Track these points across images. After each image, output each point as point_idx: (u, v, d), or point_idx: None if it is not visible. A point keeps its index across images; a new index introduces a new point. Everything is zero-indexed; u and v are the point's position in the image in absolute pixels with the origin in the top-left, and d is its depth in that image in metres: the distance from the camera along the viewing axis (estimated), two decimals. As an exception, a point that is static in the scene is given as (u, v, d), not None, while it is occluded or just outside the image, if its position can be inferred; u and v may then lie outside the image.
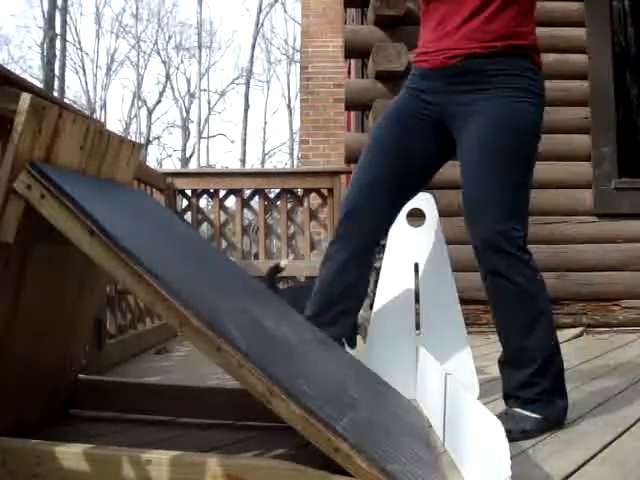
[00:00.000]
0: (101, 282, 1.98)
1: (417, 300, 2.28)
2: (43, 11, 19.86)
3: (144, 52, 22.72)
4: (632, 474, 1.47)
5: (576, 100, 3.94)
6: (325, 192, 4.32)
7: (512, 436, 1.59)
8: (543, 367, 1.79)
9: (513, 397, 1.83)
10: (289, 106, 22.00)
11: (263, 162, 22.39)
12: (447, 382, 1.71)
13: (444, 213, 2.39)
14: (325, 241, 4.45)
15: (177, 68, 24.96)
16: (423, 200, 2.32)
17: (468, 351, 2.21)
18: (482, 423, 1.34)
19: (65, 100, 14.20)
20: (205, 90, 22.72)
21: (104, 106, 22.17)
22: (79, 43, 23.10)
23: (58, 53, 19.19)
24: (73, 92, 24.41)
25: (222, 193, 4.37)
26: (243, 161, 21.53)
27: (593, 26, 3.97)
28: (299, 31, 9.79)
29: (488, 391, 2.17)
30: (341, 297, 1.93)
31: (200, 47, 22.23)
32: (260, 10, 22.00)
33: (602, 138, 3.88)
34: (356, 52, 4.39)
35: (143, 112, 22.67)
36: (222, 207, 4.40)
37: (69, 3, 20.32)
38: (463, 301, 2.28)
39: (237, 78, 22.95)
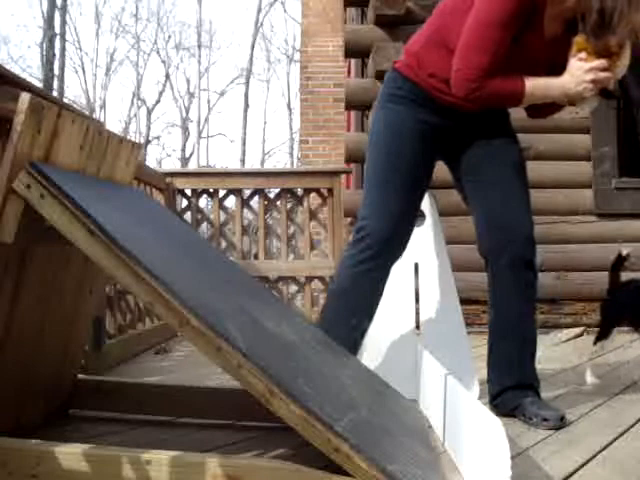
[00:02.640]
0: (101, 282, 1.98)
1: (417, 300, 2.28)
2: (42, 11, 19.84)
3: (143, 52, 22.71)
4: (632, 474, 1.47)
5: (576, 100, 3.93)
6: (325, 192, 4.31)
7: (552, 424, 1.80)
8: None
9: (531, 387, 1.94)
10: (289, 106, 22.00)
11: (263, 162, 22.38)
12: (447, 382, 1.71)
13: (444, 213, 2.39)
14: (325, 241, 4.45)
15: (177, 68, 25.00)
16: (423, 200, 2.32)
17: (468, 351, 2.21)
18: (482, 423, 1.34)
19: (64, 100, 14.19)
20: (205, 90, 22.72)
21: (103, 106, 22.15)
22: (78, 43, 23.12)
23: (57, 53, 19.16)
24: (72, 92, 24.39)
25: (222, 193, 4.36)
26: (243, 161, 21.53)
27: (593, 26, 3.96)
28: (299, 31, 9.79)
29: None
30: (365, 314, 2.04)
31: (200, 47, 22.22)
32: (260, 9, 22.00)
33: (602, 138, 3.88)
34: (356, 52, 4.39)
35: (142, 112, 22.65)
36: (222, 207, 4.40)
37: (68, 3, 20.28)
38: (463, 301, 2.28)
39: (237, 78, 22.94)
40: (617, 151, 3.88)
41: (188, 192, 4.36)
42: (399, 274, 2.28)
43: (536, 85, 1.82)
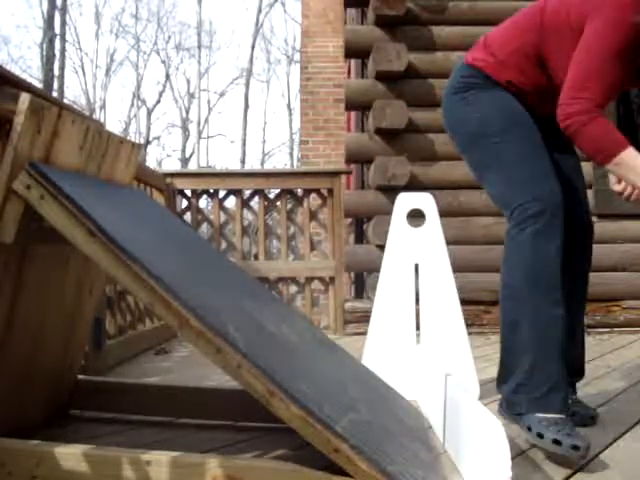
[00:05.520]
0: (100, 282, 1.98)
1: (417, 300, 2.28)
2: (42, 11, 19.85)
3: (144, 52, 22.73)
4: (632, 475, 1.47)
5: (576, 100, 3.93)
6: (325, 192, 4.31)
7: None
8: None
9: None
10: (289, 106, 22.01)
11: (263, 162, 22.38)
12: (447, 383, 1.71)
13: (444, 213, 2.39)
14: (325, 242, 4.45)
15: (177, 68, 25.02)
16: (423, 200, 2.32)
17: (468, 351, 2.21)
18: (482, 424, 1.34)
19: (64, 100, 14.19)
20: (205, 90, 22.73)
21: (103, 106, 22.16)
22: (78, 43, 23.19)
23: (57, 53, 19.17)
24: (72, 92, 24.38)
25: (222, 193, 4.36)
26: (243, 161, 21.53)
27: (593, 26, 3.96)
28: (299, 31, 9.79)
29: (488, 392, 2.17)
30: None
31: (200, 47, 22.23)
32: (260, 10, 22.00)
33: (602, 138, 3.87)
34: (356, 52, 4.39)
35: (143, 112, 22.66)
36: (222, 207, 4.40)
37: (68, 3, 20.28)
38: (463, 301, 2.28)
39: (237, 78, 22.95)
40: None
41: (188, 192, 4.36)
42: (399, 274, 2.28)
43: (634, 161, 1.67)
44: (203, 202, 4.60)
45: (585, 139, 1.69)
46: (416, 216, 2.32)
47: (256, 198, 4.38)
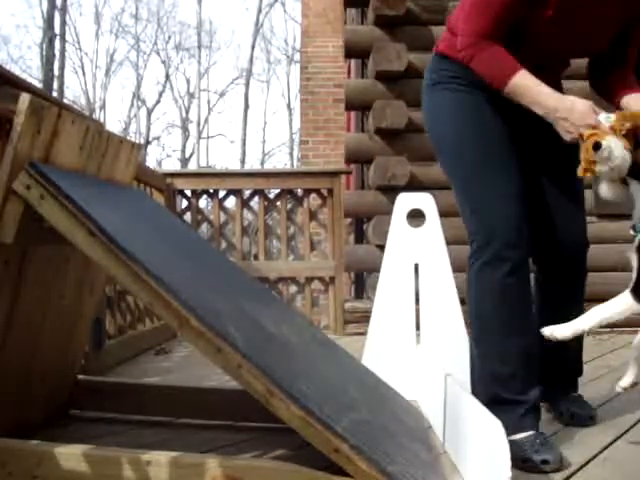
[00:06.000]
0: (100, 282, 1.98)
1: (417, 300, 2.28)
2: (42, 11, 19.82)
3: (143, 52, 22.71)
4: (632, 475, 1.48)
5: (576, 100, 3.93)
6: (325, 192, 4.31)
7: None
8: None
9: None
10: (289, 106, 22.00)
11: (263, 162, 22.37)
12: (447, 383, 1.71)
13: (445, 213, 2.39)
14: (325, 242, 4.44)
15: (177, 68, 24.98)
16: (423, 200, 2.32)
17: (468, 351, 2.21)
18: (482, 424, 1.34)
19: (64, 100, 14.18)
20: (205, 90, 22.72)
21: (103, 106, 22.12)
22: (78, 43, 23.11)
23: (57, 53, 19.14)
24: (72, 92, 24.31)
25: (222, 193, 4.36)
26: (243, 161, 21.53)
27: (593, 26, 3.96)
28: (299, 31, 9.80)
29: (488, 391, 2.16)
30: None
31: (200, 47, 22.23)
32: (260, 10, 21.99)
33: (602, 138, 3.87)
34: (356, 52, 4.39)
35: (142, 112, 22.63)
36: (222, 207, 4.40)
37: (68, 3, 20.24)
38: (463, 301, 2.28)
39: (237, 78, 22.95)
40: (617, 151, 3.87)
41: (188, 193, 4.36)
42: (399, 274, 2.28)
43: (526, 85, 1.63)
44: (203, 202, 4.60)
45: (478, 69, 1.69)
46: (416, 216, 2.32)
47: (256, 198, 4.38)
